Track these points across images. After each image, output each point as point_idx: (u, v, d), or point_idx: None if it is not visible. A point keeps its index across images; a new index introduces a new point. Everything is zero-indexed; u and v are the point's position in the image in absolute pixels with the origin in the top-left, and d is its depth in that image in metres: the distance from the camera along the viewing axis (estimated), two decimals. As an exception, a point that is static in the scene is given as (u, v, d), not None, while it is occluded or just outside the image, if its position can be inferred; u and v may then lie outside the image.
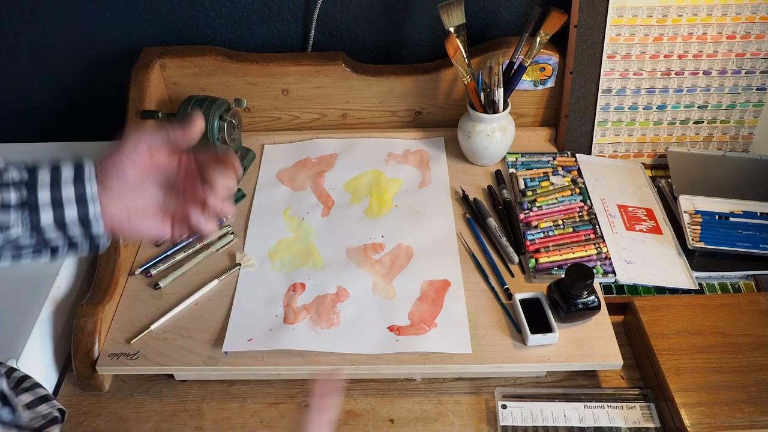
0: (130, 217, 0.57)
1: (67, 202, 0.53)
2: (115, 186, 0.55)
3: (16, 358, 0.74)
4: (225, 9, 1.06)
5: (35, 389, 0.67)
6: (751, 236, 0.92)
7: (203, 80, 1.07)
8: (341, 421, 0.77)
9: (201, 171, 0.60)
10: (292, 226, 0.96)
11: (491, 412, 0.77)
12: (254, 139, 1.11)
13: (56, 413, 0.67)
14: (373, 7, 1.06)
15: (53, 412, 0.66)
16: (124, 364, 0.78)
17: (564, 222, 0.93)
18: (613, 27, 0.98)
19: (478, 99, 1.00)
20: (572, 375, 0.81)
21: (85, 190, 0.53)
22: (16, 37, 1.08)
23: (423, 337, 0.79)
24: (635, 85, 1.02)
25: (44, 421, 0.65)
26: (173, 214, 0.60)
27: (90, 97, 1.17)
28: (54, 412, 0.67)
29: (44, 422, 0.65)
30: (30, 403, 0.65)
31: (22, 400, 0.64)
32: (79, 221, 0.54)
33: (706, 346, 0.78)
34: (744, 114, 1.05)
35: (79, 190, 0.53)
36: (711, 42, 0.99)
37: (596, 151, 1.08)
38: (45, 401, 0.66)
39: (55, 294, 0.84)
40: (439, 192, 1.00)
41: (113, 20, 1.07)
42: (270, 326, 0.81)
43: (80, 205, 0.54)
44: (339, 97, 1.09)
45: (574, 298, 0.78)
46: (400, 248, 0.91)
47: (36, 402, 0.65)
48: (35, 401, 0.65)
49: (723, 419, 0.71)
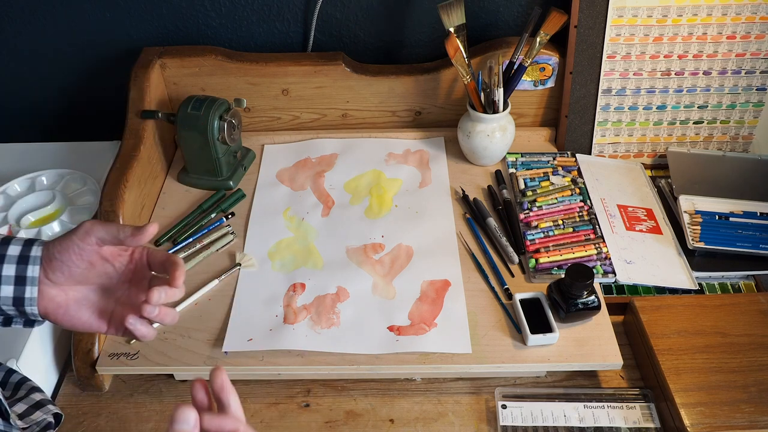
0: (68, 305, 0.56)
1: (5, 280, 0.53)
2: (58, 272, 0.54)
3: (16, 358, 0.74)
4: (225, 9, 1.06)
5: (30, 395, 0.67)
6: (751, 236, 0.92)
7: (203, 80, 1.07)
8: (341, 421, 0.77)
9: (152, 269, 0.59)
10: (292, 226, 0.96)
11: (491, 412, 0.77)
12: (254, 139, 1.11)
13: (50, 419, 0.67)
14: (373, 7, 1.06)
15: (47, 418, 0.66)
16: (124, 364, 0.78)
17: (564, 222, 0.93)
18: (613, 27, 0.98)
19: (478, 99, 1.00)
20: (572, 375, 0.81)
21: (26, 272, 0.53)
22: (16, 37, 1.08)
23: (423, 337, 0.79)
24: (635, 85, 1.02)
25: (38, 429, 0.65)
26: (112, 311, 0.58)
27: (90, 97, 1.17)
28: (48, 418, 0.66)
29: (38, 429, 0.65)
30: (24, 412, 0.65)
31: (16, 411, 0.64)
32: (13, 300, 0.54)
33: (706, 346, 0.78)
34: (744, 114, 1.05)
35: (21, 270, 0.53)
36: (711, 42, 0.99)
37: (596, 151, 1.08)
38: (39, 408, 0.66)
39: (55, 294, 0.84)
40: (439, 192, 1.00)
41: (113, 20, 1.07)
42: (270, 326, 0.81)
43: (18, 284, 0.53)
44: (339, 97, 1.09)
45: (574, 298, 0.78)
46: (400, 248, 0.91)
47: (30, 410, 0.65)
48: (29, 409, 0.65)
49: (723, 419, 0.71)
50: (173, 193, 1.02)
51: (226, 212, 0.98)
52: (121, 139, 0.97)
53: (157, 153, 1.03)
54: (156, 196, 1.01)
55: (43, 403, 0.68)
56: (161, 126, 1.04)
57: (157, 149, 1.03)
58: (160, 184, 1.03)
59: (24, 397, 0.67)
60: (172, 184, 1.04)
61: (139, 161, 0.95)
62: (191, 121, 0.96)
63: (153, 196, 1.00)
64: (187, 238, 0.93)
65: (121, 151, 0.95)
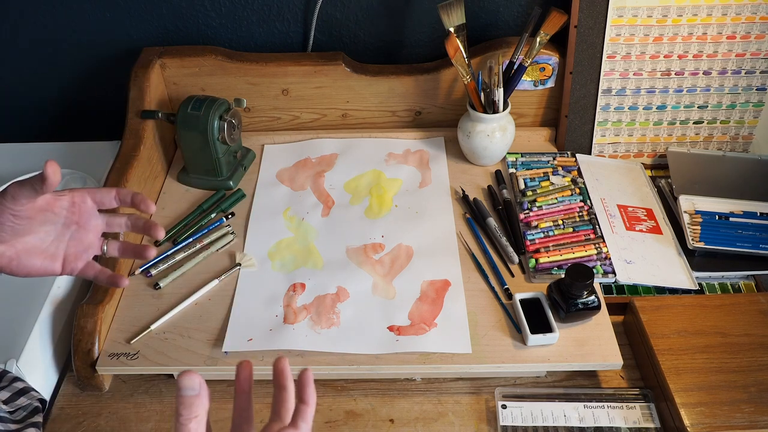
0: (19, 257, 0.59)
1: None
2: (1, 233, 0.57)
3: (16, 359, 0.74)
4: (225, 9, 1.06)
5: (13, 384, 0.70)
6: (751, 236, 0.92)
7: (203, 80, 1.07)
8: (341, 421, 0.77)
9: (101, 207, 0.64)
10: (292, 226, 0.96)
11: (491, 412, 0.77)
12: (254, 139, 1.11)
13: (36, 403, 0.69)
14: (373, 7, 1.06)
15: (33, 403, 0.69)
16: (124, 364, 0.78)
17: (564, 222, 0.93)
18: (613, 27, 0.98)
19: (478, 99, 1.00)
20: (572, 375, 0.81)
21: None
22: (16, 37, 1.08)
23: (423, 337, 0.79)
24: (635, 85, 1.02)
25: (25, 413, 0.69)
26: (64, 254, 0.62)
27: (90, 97, 1.17)
28: (34, 403, 0.69)
29: (26, 413, 0.69)
30: (8, 399, 0.69)
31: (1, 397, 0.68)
32: None
33: (706, 346, 0.78)
34: (744, 114, 1.05)
35: None
36: (711, 42, 0.99)
37: (596, 151, 1.08)
38: (23, 394, 0.70)
39: (55, 294, 0.84)
40: (439, 192, 1.00)
41: (113, 20, 1.07)
42: (270, 326, 0.81)
43: None
44: (339, 97, 1.09)
45: (574, 298, 0.78)
46: (400, 248, 0.91)
47: (14, 396, 0.69)
48: (13, 396, 0.69)
49: (723, 419, 0.71)
50: (173, 193, 1.02)
51: (226, 212, 0.98)
52: (121, 139, 0.97)
53: (157, 153, 1.03)
54: (156, 196, 1.01)
55: (27, 390, 0.71)
56: (161, 126, 1.04)
57: (157, 149, 1.03)
58: (160, 184, 1.03)
59: (7, 386, 0.70)
60: (172, 184, 1.04)
61: (139, 161, 0.95)
62: (191, 121, 0.96)
63: (153, 196, 1.00)
64: (187, 238, 0.93)
65: (121, 151, 0.96)
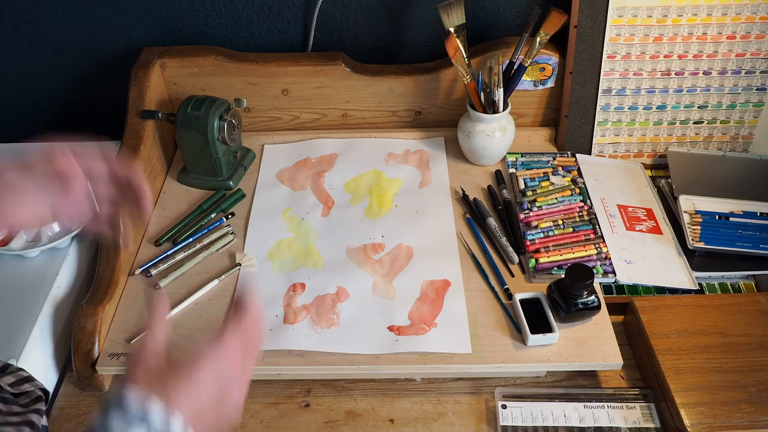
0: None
1: None
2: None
3: (16, 358, 0.74)
4: (225, 9, 1.06)
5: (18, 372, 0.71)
6: (751, 236, 0.92)
7: (203, 80, 1.07)
8: (341, 421, 0.77)
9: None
10: (292, 226, 0.96)
11: (491, 412, 0.77)
12: (254, 139, 1.11)
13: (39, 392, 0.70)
14: (373, 7, 1.06)
15: (36, 391, 0.71)
16: (125, 364, 0.78)
17: (564, 222, 0.93)
18: (613, 27, 0.98)
19: (478, 99, 1.00)
20: (572, 375, 0.81)
21: None
22: (16, 37, 1.08)
23: (423, 337, 0.79)
24: (635, 85, 1.02)
25: (29, 399, 0.70)
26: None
27: (90, 97, 1.17)
28: (37, 391, 0.71)
29: (29, 400, 0.70)
30: (14, 383, 0.70)
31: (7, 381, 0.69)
32: None
33: (706, 346, 0.78)
34: (744, 114, 1.05)
35: None
36: (711, 42, 0.99)
37: (596, 151, 1.08)
38: (27, 381, 0.71)
39: (55, 294, 0.84)
40: (439, 192, 1.00)
41: (113, 20, 1.07)
42: (270, 326, 0.81)
43: None
44: (339, 97, 1.09)
45: (574, 298, 0.78)
46: (400, 248, 0.91)
47: (19, 382, 0.70)
48: (19, 381, 0.70)
49: (723, 419, 0.71)
50: (173, 193, 1.02)
51: (226, 212, 0.98)
52: (121, 139, 0.97)
53: (157, 153, 1.03)
54: (156, 196, 1.01)
55: (31, 378, 0.72)
56: (161, 126, 1.04)
57: (157, 149, 1.03)
58: (160, 184, 1.03)
59: (12, 373, 0.71)
60: (172, 184, 1.04)
61: (139, 161, 0.95)
62: (191, 121, 0.96)
63: (153, 196, 1.00)
64: (187, 238, 0.93)
65: (121, 151, 0.96)
